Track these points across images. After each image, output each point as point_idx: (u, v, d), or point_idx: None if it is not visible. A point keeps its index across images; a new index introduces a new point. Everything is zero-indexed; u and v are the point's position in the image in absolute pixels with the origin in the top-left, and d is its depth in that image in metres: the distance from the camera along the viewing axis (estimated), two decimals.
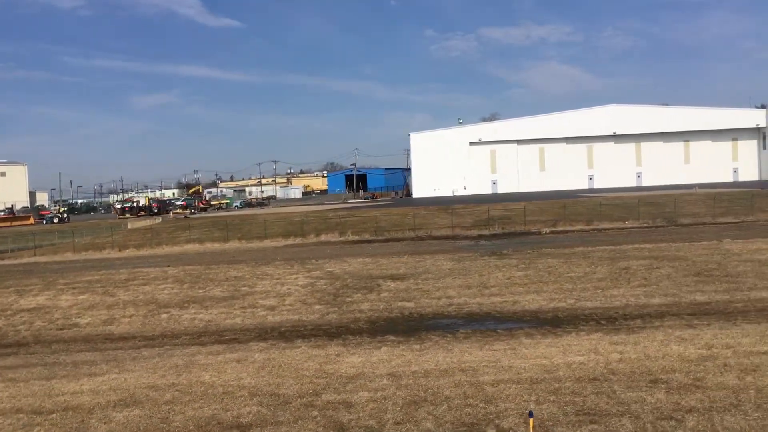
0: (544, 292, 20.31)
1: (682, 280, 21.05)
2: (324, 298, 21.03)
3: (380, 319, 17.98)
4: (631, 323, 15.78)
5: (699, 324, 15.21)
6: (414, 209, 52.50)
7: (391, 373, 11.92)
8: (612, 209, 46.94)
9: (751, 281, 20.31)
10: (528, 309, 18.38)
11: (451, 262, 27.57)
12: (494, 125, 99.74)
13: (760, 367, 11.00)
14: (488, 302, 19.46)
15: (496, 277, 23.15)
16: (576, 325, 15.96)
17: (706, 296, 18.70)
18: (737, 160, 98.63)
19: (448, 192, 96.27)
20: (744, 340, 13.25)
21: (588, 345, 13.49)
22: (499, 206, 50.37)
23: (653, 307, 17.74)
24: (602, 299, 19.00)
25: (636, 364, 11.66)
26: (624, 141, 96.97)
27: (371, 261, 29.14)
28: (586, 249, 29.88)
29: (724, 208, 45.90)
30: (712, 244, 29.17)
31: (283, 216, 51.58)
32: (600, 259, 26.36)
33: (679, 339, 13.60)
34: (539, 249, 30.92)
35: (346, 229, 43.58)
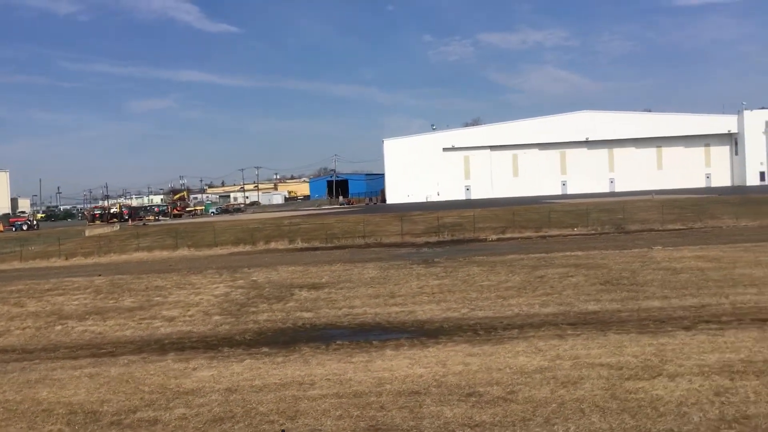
0: (445, 302, 20.32)
1: (587, 289, 21.11)
2: (228, 309, 20.96)
3: (270, 330, 17.93)
4: (505, 334, 15.80)
5: (570, 334, 15.23)
6: (371, 216, 52.52)
7: (228, 388, 11.87)
8: (564, 216, 47.12)
9: (653, 290, 20.38)
10: (419, 319, 18.38)
11: (377, 270, 27.54)
12: (468, 131, 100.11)
13: (582, 380, 11.01)
14: (385, 312, 19.44)
15: (409, 287, 23.14)
16: (452, 335, 15.95)
17: (598, 305, 18.75)
18: (710, 165, 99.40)
19: (422, 198, 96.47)
20: (595, 351, 13.28)
21: (443, 356, 13.48)
22: (454, 213, 50.46)
23: (541, 316, 17.78)
24: (497, 308, 19.02)
25: (468, 377, 11.66)
26: (597, 147, 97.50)
27: (302, 270, 29.08)
28: (518, 257, 29.93)
29: (676, 214, 46.15)
30: (641, 252, 29.29)
31: (240, 223, 51.50)
32: (523, 267, 26.40)
33: (535, 350, 13.60)
34: (472, 257, 30.97)
35: (296, 237, 43.53)
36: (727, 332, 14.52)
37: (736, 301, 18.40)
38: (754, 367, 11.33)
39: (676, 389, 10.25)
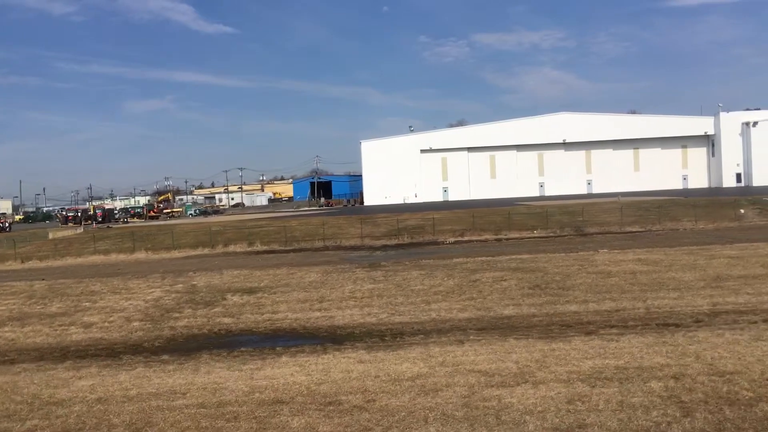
0: (368, 307, 20.25)
1: (513, 293, 21.11)
2: (152, 315, 20.79)
3: (182, 337, 17.80)
4: (409, 339, 15.74)
5: (471, 340, 15.19)
6: (335, 219, 52.43)
7: (100, 398, 11.74)
8: (527, 218, 47.17)
9: (576, 294, 20.39)
10: (335, 324, 18.30)
11: (320, 274, 27.44)
12: (445, 132, 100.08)
13: (447, 388, 10.95)
14: (305, 317, 19.36)
15: (341, 291, 23.06)
16: (357, 341, 15.88)
17: (516, 310, 18.74)
18: (687, 167, 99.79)
19: (399, 200, 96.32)
20: (483, 357, 13.24)
21: (333, 364, 13.40)
22: (419, 215, 50.42)
23: (455, 321, 17.74)
24: (416, 314, 18.97)
25: (341, 385, 11.58)
26: (574, 149, 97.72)
27: (246, 273, 28.93)
28: (463, 260, 29.90)
29: (637, 217, 46.29)
30: (586, 255, 29.32)
31: (204, 226, 51.26)
32: (463, 270, 26.38)
33: (425, 357, 13.55)
34: (419, 260, 30.92)
35: (256, 240, 43.34)
36: (623, 338, 14.53)
37: (652, 305, 18.44)
38: (624, 374, 11.32)
39: (531, 397, 10.21)
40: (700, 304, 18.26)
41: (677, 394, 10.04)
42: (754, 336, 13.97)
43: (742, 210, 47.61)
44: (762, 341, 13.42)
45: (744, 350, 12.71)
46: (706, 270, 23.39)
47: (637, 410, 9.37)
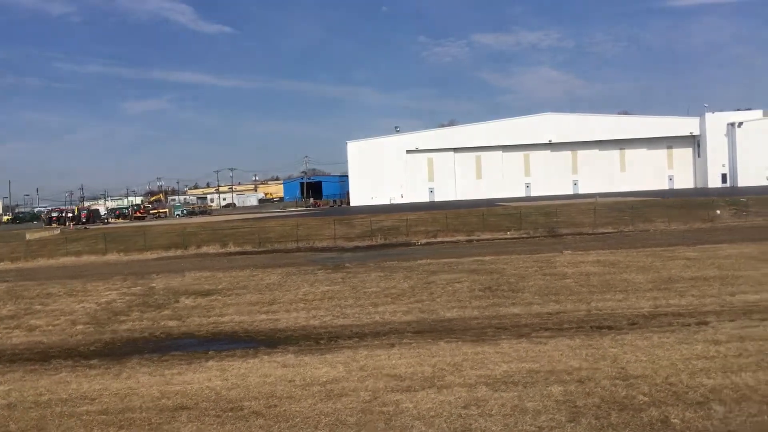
0: (316, 309, 20.20)
1: (463, 295, 21.09)
2: (99, 318, 20.70)
3: (120, 341, 17.71)
4: (343, 343, 15.69)
5: (404, 343, 15.12)
6: (312, 219, 52.39)
7: (10, 404, 11.68)
8: (503, 219, 47.19)
9: (525, 296, 20.38)
10: (277, 327, 18.24)
11: (280, 276, 27.42)
12: (431, 133, 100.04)
13: (353, 392, 10.92)
14: (250, 320, 19.29)
15: (295, 294, 23.02)
16: (291, 345, 15.82)
17: (460, 313, 18.70)
18: (672, 167, 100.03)
19: (386, 200, 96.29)
20: (403, 361, 13.21)
21: (255, 368, 13.35)
22: (395, 216, 50.40)
23: (395, 324, 17.70)
24: (360, 316, 18.91)
25: (252, 390, 11.54)
26: (560, 149, 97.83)
27: (208, 275, 28.88)
28: (427, 261, 29.90)
29: (611, 218, 46.35)
30: (548, 257, 29.34)
31: (180, 227, 51.11)
32: (423, 272, 26.38)
33: (348, 360, 13.49)
34: (384, 261, 30.92)
35: (229, 241, 43.27)
36: (552, 341, 14.50)
37: (595, 307, 18.43)
38: (533, 378, 11.30)
39: (429, 402, 10.19)
40: (642, 306, 18.27)
41: (574, 398, 10.02)
42: (680, 339, 13.97)
43: (717, 211, 47.72)
44: (685, 344, 13.43)
45: (663, 353, 12.71)
46: (660, 272, 23.42)
47: (526, 415, 9.36)
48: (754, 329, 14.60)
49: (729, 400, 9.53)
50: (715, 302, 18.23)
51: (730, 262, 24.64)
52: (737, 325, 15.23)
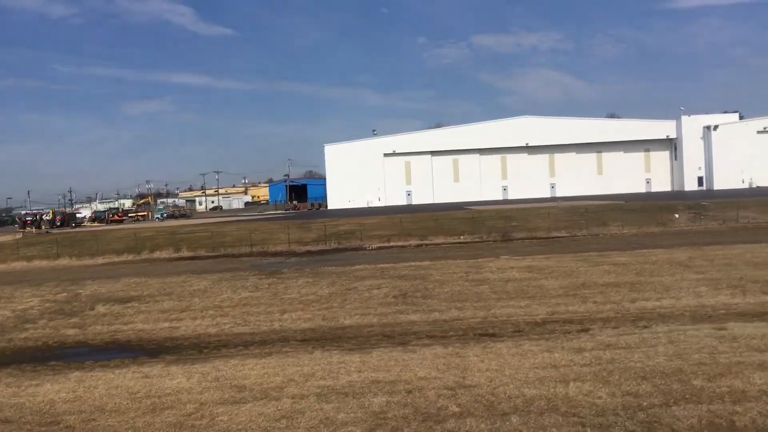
0: (223, 316, 20.13)
1: (375, 302, 21.04)
2: (5, 326, 20.59)
3: (10, 350, 17.53)
4: (224, 352, 15.59)
5: (283, 351, 15.05)
6: (273, 224, 52.31)
7: None
8: (460, 223, 47.16)
9: (433, 303, 20.35)
10: (173, 336, 18.14)
11: (211, 282, 27.31)
12: (409, 136, 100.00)
13: (180, 405, 10.86)
14: (151, 328, 19.20)
15: (214, 300, 22.94)
16: (172, 354, 15.73)
17: (360, 320, 18.64)
18: (650, 170, 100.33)
19: (363, 203, 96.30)
20: (267, 371, 13.04)
21: (111, 381, 13.23)
22: (355, 221, 50.35)
23: (290, 332, 17.62)
24: (260, 324, 18.84)
25: (81, 403, 11.44)
26: (537, 152, 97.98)
27: (139, 282, 28.75)
28: (363, 266, 29.87)
29: (568, 222, 46.39)
30: (482, 262, 29.34)
31: (140, 231, 50.98)
32: (351, 278, 26.34)
33: (207, 371, 13.39)
34: (322, 267, 30.87)
35: (183, 246, 43.15)
36: (425, 349, 14.44)
37: (494, 314, 18.42)
38: (369, 389, 11.25)
39: (247, 414, 10.14)
40: (539, 313, 18.26)
41: (388, 410, 9.99)
42: (549, 347, 13.94)
43: (676, 215, 47.86)
44: (548, 352, 13.39)
45: (517, 362, 12.67)
46: (579, 277, 23.44)
47: (329, 427, 9.33)
48: (628, 337, 14.60)
49: (533, 412, 9.51)
50: (612, 309, 18.25)
51: (652, 268, 24.69)
52: (616, 332, 15.24)
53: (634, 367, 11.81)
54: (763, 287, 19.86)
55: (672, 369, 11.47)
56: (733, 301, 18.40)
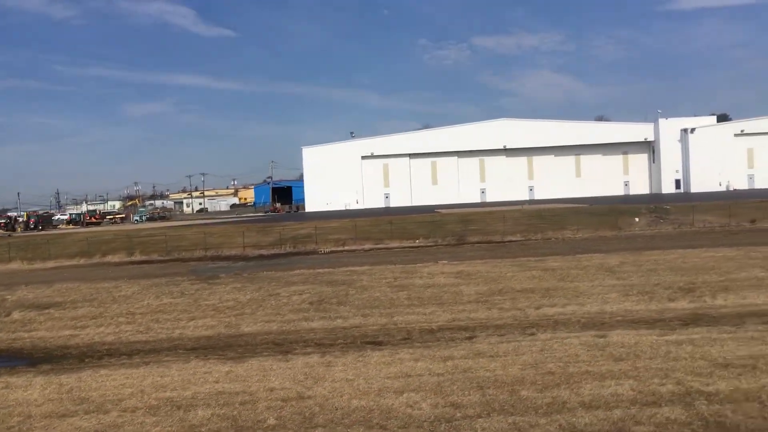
0: (131, 324, 19.99)
1: (289, 308, 20.92)
2: None
3: None
4: (105, 361, 15.49)
5: (161, 361, 14.93)
6: (235, 227, 52.12)
7: None
8: (419, 227, 47.06)
9: (342, 309, 20.24)
10: (68, 344, 18.00)
11: (141, 288, 27.04)
12: (387, 138, 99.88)
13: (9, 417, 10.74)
14: (50, 336, 19.08)
15: (131, 306, 22.76)
16: (52, 363, 15.61)
17: (262, 327, 18.56)
18: (628, 173, 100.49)
19: (341, 206, 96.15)
20: (120, 382, 13.00)
21: None
22: (313, 224, 50.13)
23: (186, 340, 17.52)
24: (163, 331, 18.73)
25: None
26: (516, 155, 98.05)
27: (72, 287, 28.49)
28: (298, 272, 29.63)
29: (527, 226, 46.32)
30: (418, 267, 29.16)
31: (99, 234, 50.76)
32: (281, 283, 26.14)
33: (70, 382, 13.27)
34: (261, 272, 30.68)
35: (137, 250, 42.95)
36: (302, 358, 14.34)
37: (396, 321, 18.34)
38: (212, 401, 11.12)
39: (68, 426, 10.02)
40: (439, 320, 18.19)
41: (207, 423, 9.88)
42: (417, 356, 13.79)
43: (636, 218, 47.86)
44: (413, 362, 13.26)
45: (375, 372, 12.57)
46: (501, 283, 23.34)
47: None
48: (506, 345, 14.50)
49: (343, 424, 9.41)
50: (513, 316, 18.19)
51: (578, 273, 24.59)
52: (498, 340, 15.16)
53: (482, 376, 11.71)
54: (672, 294, 19.82)
55: (515, 379, 11.38)
56: (635, 308, 18.36)
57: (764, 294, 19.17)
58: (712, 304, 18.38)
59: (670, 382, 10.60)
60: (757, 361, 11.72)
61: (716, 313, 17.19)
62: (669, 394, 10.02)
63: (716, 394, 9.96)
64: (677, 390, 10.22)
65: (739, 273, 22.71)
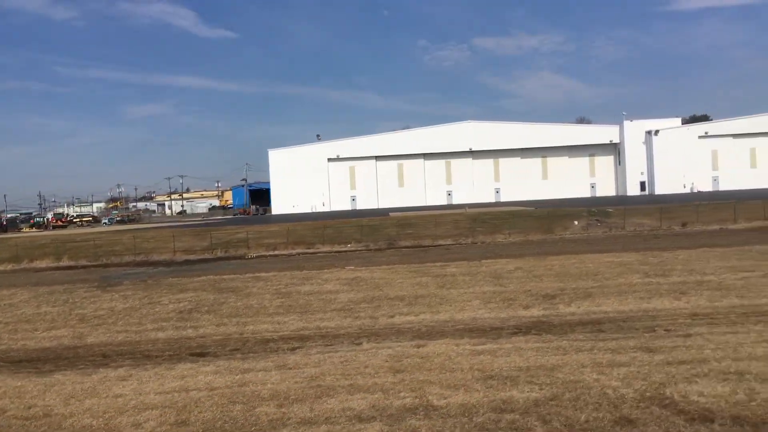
0: None
1: (156, 317, 20.81)
2: None
3: None
4: None
5: None
6: (175, 231, 51.88)
7: None
8: (355, 231, 46.96)
9: (204, 318, 20.09)
10: None
11: (36, 295, 26.94)
12: (353, 141, 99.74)
13: None
14: None
15: (3, 317, 22.56)
16: None
17: (109, 338, 18.33)
18: (594, 175, 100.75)
19: (307, 208, 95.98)
20: None
21: None
22: (255, 228, 50.00)
23: (27, 351, 17.31)
24: (13, 342, 18.52)
25: None
26: (482, 157, 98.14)
27: None
28: (201, 279, 29.47)
29: (463, 230, 46.33)
30: (322, 273, 29.06)
31: (37, 239, 50.46)
32: (175, 290, 26.01)
33: None
34: (167, 278, 30.51)
35: (65, 255, 42.64)
36: (105, 370, 14.17)
37: (245, 330, 18.18)
38: None
39: None
40: (288, 329, 18.06)
41: None
42: (214, 369, 13.58)
43: (576, 222, 47.93)
44: (201, 376, 13.05)
45: (154, 386, 12.40)
46: (382, 290, 23.19)
47: None
48: (319, 356, 14.32)
49: None
50: (363, 324, 18.06)
51: (465, 279, 24.49)
52: (320, 350, 14.99)
53: (249, 391, 11.53)
54: (532, 301, 19.75)
55: (275, 393, 11.21)
56: (484, 316, 18.27)
57: (622, 301, 19.13)
58: (563, 311, 18.32)
59: (412, 396, 10.49)
60: (524, 373, 11.63)
61: (558, 321, 17.13)
62: (397, 408, 9.92)
63: (444, 407, 9.86)
64: (411, 403, 10.11)
65: (617, 279, 22.70)
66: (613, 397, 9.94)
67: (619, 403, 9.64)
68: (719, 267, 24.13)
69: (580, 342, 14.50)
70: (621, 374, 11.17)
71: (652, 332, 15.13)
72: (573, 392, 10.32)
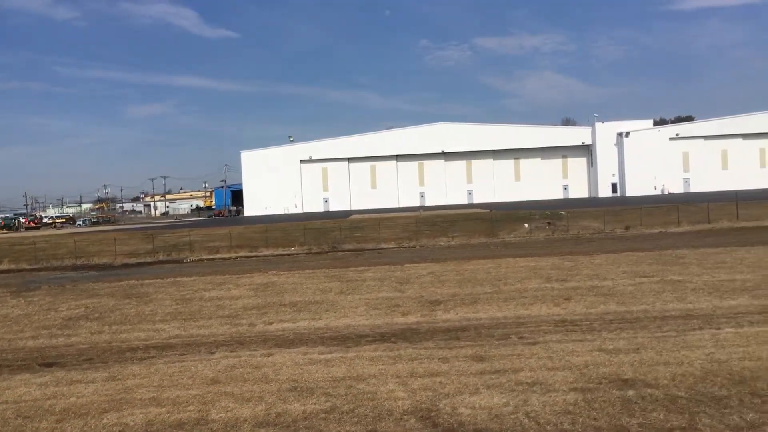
0: None
1: (46, 323, 20.52)
2: None
3: None
4: None
5: None
6: (127, 234, 51.65)
7: None
8: (302, 234, 46.83)
9: (87, 326, 19.90)
10: None
11: None
12: (325, 143, 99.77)
13: None
14: None
15: None
16: None
17: None
18: (567, 177, 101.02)
19: (280, 210, 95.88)
20: None
21: None
22: (204, 231, 49.87)
23: None
24: None
25: None
26: (455, 158, 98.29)
27: None
28: (119, 284, 29.25)
29: (412, 232, 46.27)
30: (239, 278, 28.96)
31: None
32: (85, 296, 25.82)
33: None
34: (88, 284, 30.29)
35: (5, 258, 42.38)
36: None
37: (117, 338, 17.98)
38: None
39: None
40: (161, 336, 17.83)
41: None
42: (52, 380, 13.47)
43: (526, 225, 47.96)
44: (35, 387, 12.96)
45: None
46: (283, 296, 23.05)
47: None
48: (161, 366, 14.17)
49: None
50: (236, 332, 17.82)
51: (372, 285, 24.31)
52: (170, 360, 14.75)
53: (44, 405, 11.31)
54: (416, 307, 19.62)
55: (64, 408, 10.98)
56: (360, 323, 18.11)
57: (502, 307, 19.03)
58: (438, 318, 18.21)
59: (197, 410, 10.37)
60: (331, 384, 11.52)
61: (427, 328, 17.01)
62: (171, 423, 9.81)
63: (216, 421, 9.76)
64: (188, 418, 10.00)
65: (516, 284, 22.63)
66: (385, 410, 9.86)
67: (385, 416, 9.56)
68: (624, 272, 24.13)
69: (428, 350, 14.41)
70: (416, 385, 11.09)
71: (505, 340, 15.06)
72: (353, 404, 10.23)
